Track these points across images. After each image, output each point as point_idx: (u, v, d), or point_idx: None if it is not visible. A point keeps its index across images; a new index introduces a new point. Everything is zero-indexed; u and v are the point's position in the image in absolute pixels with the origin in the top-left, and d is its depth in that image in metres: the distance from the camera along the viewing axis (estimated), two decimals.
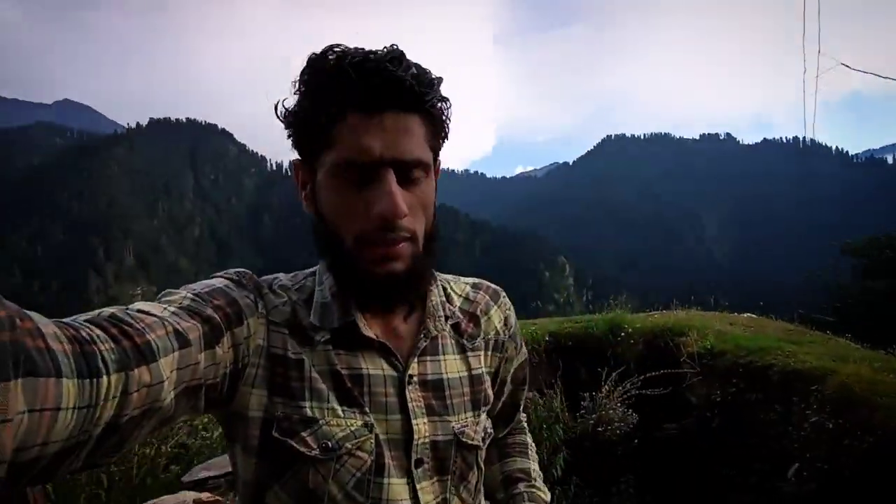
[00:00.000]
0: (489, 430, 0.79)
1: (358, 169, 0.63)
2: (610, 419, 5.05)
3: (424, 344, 0.73)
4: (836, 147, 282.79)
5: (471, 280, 0.88)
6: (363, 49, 0.63)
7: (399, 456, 0.68)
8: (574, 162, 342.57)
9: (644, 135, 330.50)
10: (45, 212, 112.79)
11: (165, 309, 0.55)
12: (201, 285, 0.64)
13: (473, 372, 0.77)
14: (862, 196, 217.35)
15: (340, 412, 0.66)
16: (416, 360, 0.72)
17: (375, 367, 0.69)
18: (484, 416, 0.78)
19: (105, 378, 0.42)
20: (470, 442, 0.73)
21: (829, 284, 13.44)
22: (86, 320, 0.47)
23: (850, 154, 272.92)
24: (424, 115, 0.65)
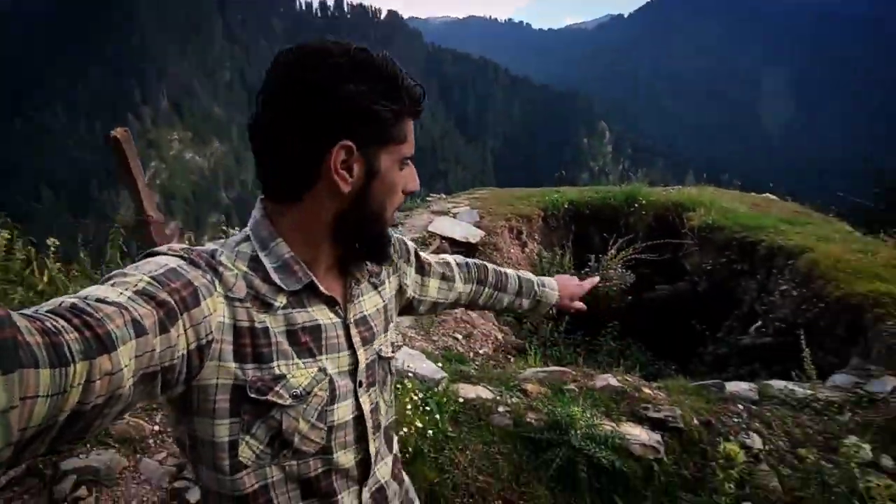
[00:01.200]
0: (397, 343, 0.98)
1: (409, 160, 0.85)
2: (610, 277, 5.76)
3: (356, 291, 0.89)
4: None
5: None
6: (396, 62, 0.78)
7: (346, 382, 0.83)
8: (630, 15, 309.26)
9: None
10: (79, 46, 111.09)
11: (122, 294, 0.58)
12: (155, 266, 0.66)
13: (384, 303, 0.95)
14: None
15: (302, 364, 0.76)
16: (350, 305, 0.87)
17: (325, 318, 0.81)
18: (391, 331, 0.96)
19: (72, 367, 0.46)
20: (386, 355, 0.92)
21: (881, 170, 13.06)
22: (48, 311, 0.50)
23: None
24: None
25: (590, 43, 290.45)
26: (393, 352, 0.94)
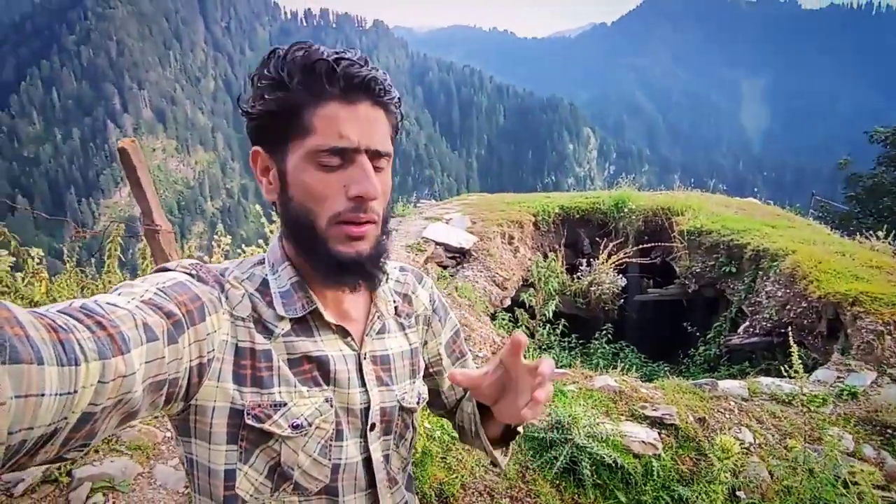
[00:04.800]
0: (423, 395, 0.87)
1: (336, 154, 0.66)
2: (602, 281, 5.91)
3: (378, 325, 0.81)
4: None
5: (397, 264, 0.94)
6: (331, 48, 0.68)
7: (355, 421, 0.76)
8: (613, 24, 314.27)
9: None
10: (54, 56, 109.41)
11: (129, 302, 0.56)
12: (163, 278, 0.64)
13: (412, 346, 0.86)
14: None
15: (305, 392, 0.71)
16: (368, 339, 0.79)
17: (334, 349, 0.75)
18: (418, 382, 0.87)
19: (84, 366, 0.44)
20: (408, 406, 0.83)
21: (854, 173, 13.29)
22: (59, 310, 0.48)
23: None
24: (388, 112, 0.71)
25: (573, 51, 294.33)
26: (418, 404, 0.85)
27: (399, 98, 0.73)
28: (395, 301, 0.86)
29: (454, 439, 2.61)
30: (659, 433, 2.78)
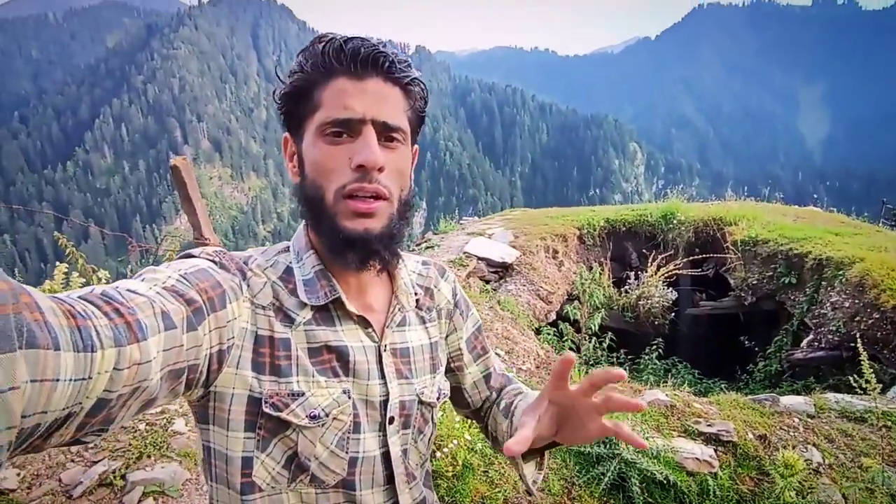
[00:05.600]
0: (444, 391, 0.87)
1: (341, 126, 0.67)
2: (651, 294, 5.69)
3: (399, 317, 0.81)
4: None
5: (419, 258, 0.94)
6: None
7: (373, 414, 0.75)
8: (657, 36, 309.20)
9: (743, 2, 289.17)
10: (124, 94, 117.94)
11: (151, 288, 0.56)
12: (186, 265, 0.65)
13: (431, 340, 0.86)
14: None
15: (323, 383, 0.70)
16: (389, 331, 0.79)
17: (355, 340, 0.74)
18: (438, 377, 0.86)
19: (100, 353, 0.44)
20: (428, 400, 0.82)
21: None
22: (79, 297, 0.48)
23: None
24: (403, 90, 0.71)
25: (617, 66, 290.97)
26: (438, 399, 0.85)
27: (419, 80, 0.73)
28: (416, 294, 0.85)
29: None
30: (715, 450, 2.61)
